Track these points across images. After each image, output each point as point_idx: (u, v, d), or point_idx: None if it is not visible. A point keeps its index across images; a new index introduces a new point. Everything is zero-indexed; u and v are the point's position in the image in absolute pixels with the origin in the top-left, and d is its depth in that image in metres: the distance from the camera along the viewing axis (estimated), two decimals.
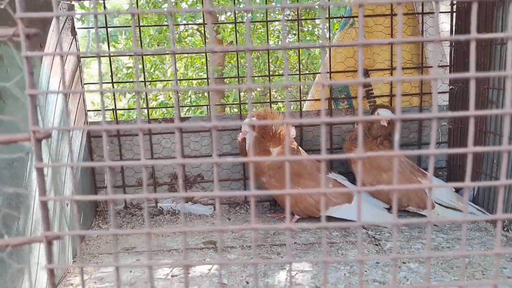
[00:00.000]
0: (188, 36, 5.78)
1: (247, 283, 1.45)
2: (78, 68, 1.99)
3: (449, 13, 2.14)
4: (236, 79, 2.41)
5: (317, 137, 2.17)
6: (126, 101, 5.76)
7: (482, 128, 1.93)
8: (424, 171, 2.05)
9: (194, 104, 5.29)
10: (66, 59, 1.85)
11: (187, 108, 4.47)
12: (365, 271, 1.50)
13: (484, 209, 1.93)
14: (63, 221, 1.56)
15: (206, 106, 2.51)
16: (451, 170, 2.13)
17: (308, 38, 5.20)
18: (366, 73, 2.22)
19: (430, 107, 2.19)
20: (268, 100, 2.24)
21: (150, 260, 0.48)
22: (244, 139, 1.91)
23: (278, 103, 3.87)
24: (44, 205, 0.47)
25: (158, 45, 5.72)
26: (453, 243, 1.73)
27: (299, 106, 2.31)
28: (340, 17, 2.89)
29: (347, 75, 2.24)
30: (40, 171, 0.46)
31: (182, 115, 3.82)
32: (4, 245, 0.47)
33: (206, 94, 5.15)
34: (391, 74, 2.19)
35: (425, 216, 1.99)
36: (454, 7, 2.10)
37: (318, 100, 2.24)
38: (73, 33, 1.93)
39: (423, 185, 0.47)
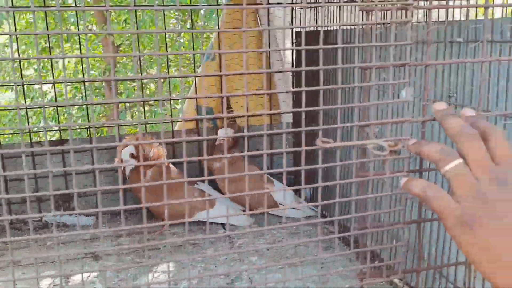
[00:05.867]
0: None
1: (118, 286, 1.78)
2: None
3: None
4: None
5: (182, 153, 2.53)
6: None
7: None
8: (271, 178, 2.53)
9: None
10: None
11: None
12: (215, 266, 1.92)
13: (315, 208, 2.47)
14: None
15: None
16: (296, 175, 2.64)
17: None
18: (228, 101, 2.64)
19: (279, 124, 2.67)
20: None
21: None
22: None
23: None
24: None
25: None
26: (291, 236, 2.23)
27: (170, 126, 2.65)
28: (202, 53, 3.09)
29: (212, 100, 2.64)
30: None
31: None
32: None
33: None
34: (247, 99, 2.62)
35: (273, 215, 2.48)
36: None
37: (189, 121, 2.61)
38: None
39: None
